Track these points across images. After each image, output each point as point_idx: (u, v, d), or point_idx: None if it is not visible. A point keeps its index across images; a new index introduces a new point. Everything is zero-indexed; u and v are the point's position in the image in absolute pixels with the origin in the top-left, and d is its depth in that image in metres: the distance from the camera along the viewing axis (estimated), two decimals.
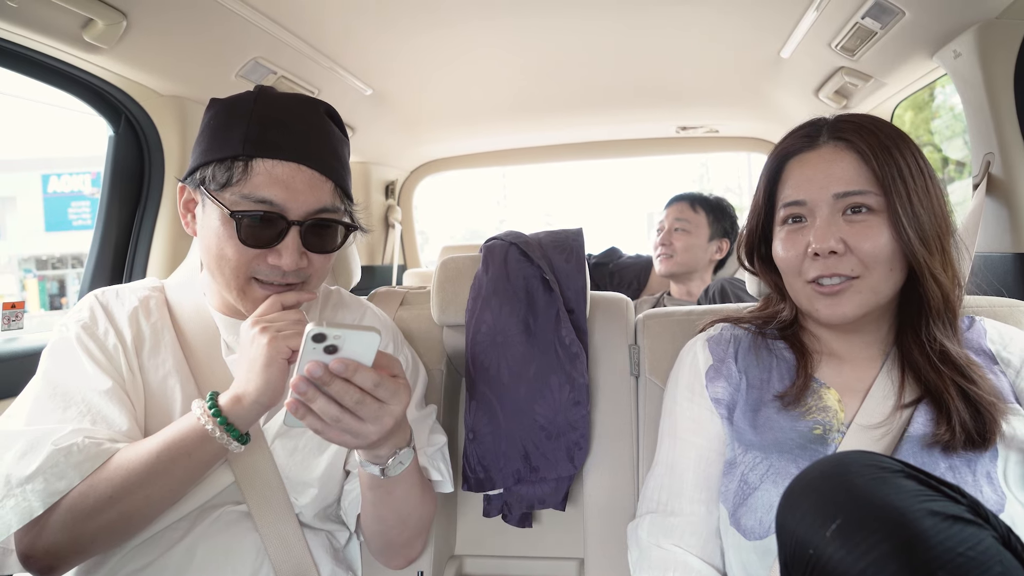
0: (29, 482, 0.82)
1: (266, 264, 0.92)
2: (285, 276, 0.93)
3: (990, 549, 0.56)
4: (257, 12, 1.44)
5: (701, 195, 2.18)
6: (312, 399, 0.72)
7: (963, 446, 0.82)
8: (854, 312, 0.88)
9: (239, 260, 0.91)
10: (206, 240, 0.94)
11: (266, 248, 0.92)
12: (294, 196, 0.91)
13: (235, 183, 0.90)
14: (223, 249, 0.92)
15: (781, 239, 0.94)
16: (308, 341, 0.70)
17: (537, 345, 1.20)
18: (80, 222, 15.78)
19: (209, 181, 0.92)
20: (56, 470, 0.82)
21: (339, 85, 1.91)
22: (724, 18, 1.65)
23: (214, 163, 0.91)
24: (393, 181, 2.91)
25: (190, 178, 0.96)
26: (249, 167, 0.90)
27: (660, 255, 2.14)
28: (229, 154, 0.91)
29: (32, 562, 0.84)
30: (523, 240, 1.29)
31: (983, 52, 1.37)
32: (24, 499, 0.81)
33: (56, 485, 0.82)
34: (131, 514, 0.85)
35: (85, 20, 1.25)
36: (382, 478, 0.88)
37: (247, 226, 0.90)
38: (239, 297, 0.95)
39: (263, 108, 0.94)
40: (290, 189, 0.91)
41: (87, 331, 0.95)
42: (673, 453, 0.99)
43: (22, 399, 0.92)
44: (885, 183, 0.86)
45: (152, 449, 0.84)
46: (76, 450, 0.84)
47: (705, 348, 1.04)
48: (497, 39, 1.76)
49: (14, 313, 1.42)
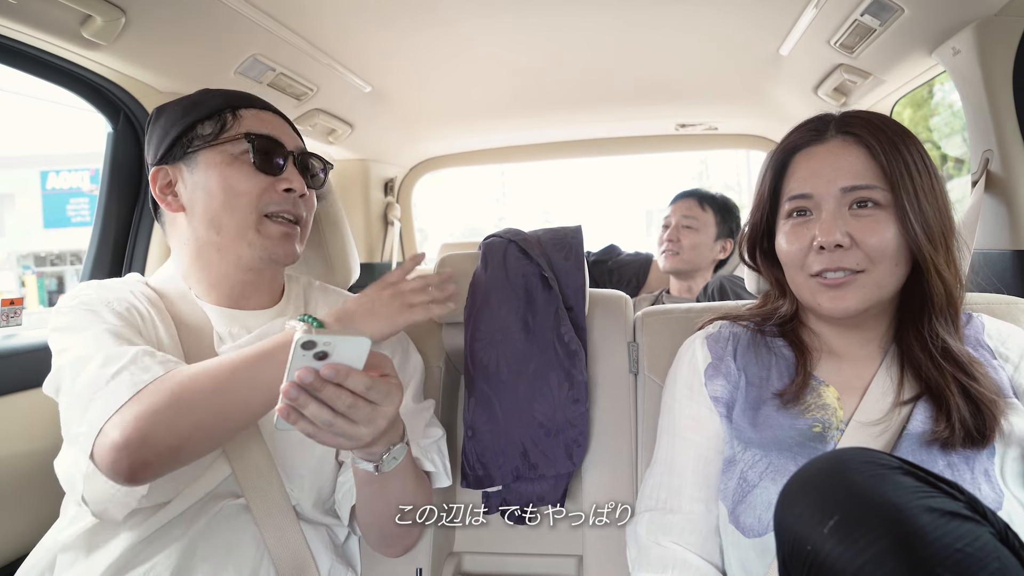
0: (115, 377, 0.81)
1: (278, 194, 1.00)
2: (296, 205, 1.02)
3: (988, 545, 0.56)
4: (256, 9, 1.44)
5: (709, 193, 2.17)
6: (304, 405, 0.72)
7: (962, 443, 0.82)
8: (857, 306, 0.88)
9: (254, 191, 0.98)
10: (208, 193, 0.98)
11: (276, 175, 1.00)
12: (282, 134, 1.04)
13: (229, 127, 1.00)
14: (234, 186, 0.98)
15: (785, 232, 0.94)
16: (297, 348, 0.69)
17: (536, 343, 1.20)
18: (79, 219, 15.74)
19: (198, 139, 1.00)
20: (141, 364, 0.83)
21: (338, 82, 1.91)
22: (723, 16, 1.65)
23: (199, 123, 1.00)
24: (392, 178, 2.91)
25: (170, 152, 1.01)
26: (238, 114, 1.01)
27: (666, 251, 2.12)
28: (215, 109, 1.01)
29: (124, 456, 0.78)
30: (522, 238, 1.29)
31: (982, 49, 1.36)
32: (112, 390, 0.80)
33: (142, 376, 0.81)
34: (228, 414, 0.84)
35: (84, 16, 1.25)
36: (376, 474, 0.89)
37: (260, 147, 0.99)
38: (255, 238, 0.99)
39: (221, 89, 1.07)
40: (278, 128, 1.04)
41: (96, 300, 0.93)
42: (672, 451, 0.99)
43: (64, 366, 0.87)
44: (893, 178, 0.86)
45: (249, 354, 0.86)
46: (160, 354, 0.86)
47: (704, 346, 1.04)
48: (496, 36, 1.76)
49: (13, 310, 1.42)
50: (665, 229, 2.16)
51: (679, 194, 2.21)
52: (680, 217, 2.12)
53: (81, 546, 0.92)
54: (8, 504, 1.23)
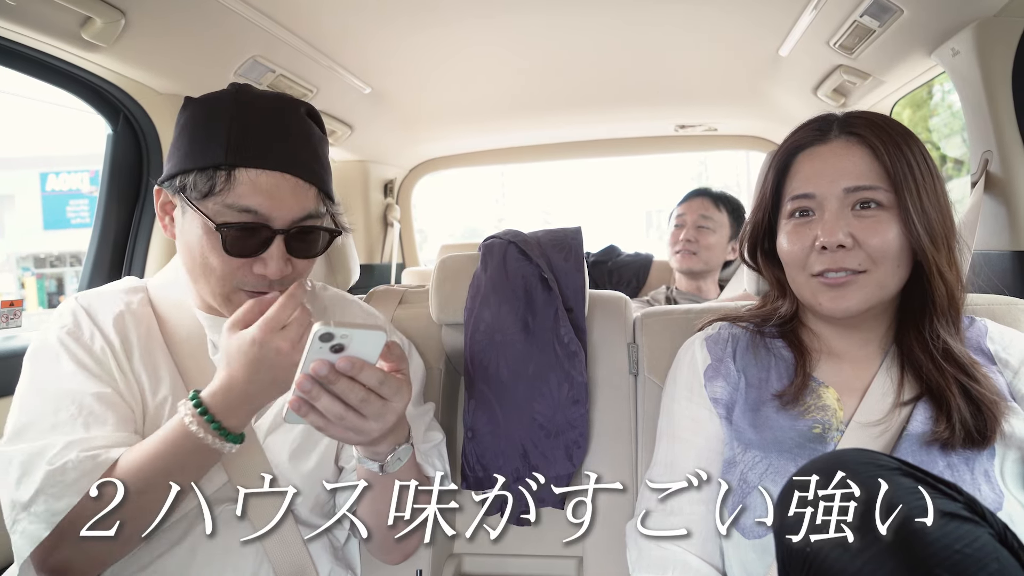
0: (31, 505, 0.81)
1: (251, 274, 0.91)
2: (271, 285, 0.92)
3: (987, 546, 0.56)
4: (256, 11, 1.44)
5: (723, 193, 2.13)
6: (316, 397, 0.72)
7: (962, 444, 0.82)
8: (858, 306, 0.88)
9: (224, 271, 0.90)
10: (188, 247, 0.93)
11: (251, 257, 0.90)
12: (278, 205, 0.89)
13: (218, 192, 0.88)
14: (207, 259, 0.90)
15: (787, 232, 0.94)
16: (315, 340, 0.69)
17: (536, 344, 1.20)
18: (78, 220, 15.72)
19: (190, 189, 0.89)
20: (54, 491, 0.81)
21: (338, 84, 1.91)
22: (723, 16, 1.65)
23: (195, 171, 0.89)
24: (392, 180, 2.91)
25: (168, 183, 0.94)
26: (232, 176, 0.88)
27: (682, 251, 2.06)
28: (211, 163, 0.88)
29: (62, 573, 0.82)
30: (522, 239, 1.29)
31: (981, 50, 1.37)
32: (29, 523, 0.81)
33: (56, 506, 0.81)
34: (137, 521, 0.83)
35: (84, 18, 1.25)
36: (380, 474, 0.89)
37: (232, 237, 0.88)
38: (224, 304, 0.94)
39: (243, 112, 0.92)
40: (274, 198, 0.89)
41: (72, 336, 0.93)
42: (672, 452, 0.99)
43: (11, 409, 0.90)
44: (896, 179, 0.86)
45: (145, 457, 0.83)
46: (71, 467, 0.82)
47: (703, 347, 1.04)
48: (495, 37, 1.76)
49: (12, 311, 1.41)
50: (679, 228, 2.09)
51: (692, 192, 2.14)
52: (697, 217, 2.06)
53: None
54: None
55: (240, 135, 0.89)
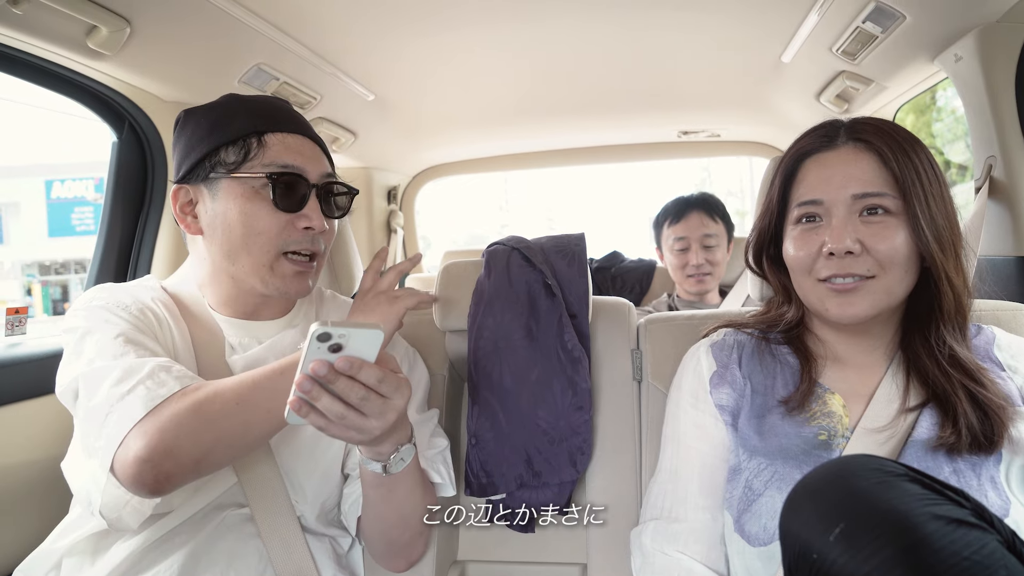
0: (132, 391, 0.81)
1: (297, 231, 0.98)
2: (314, 241, 1.00)
3: (995, 553, 0.56)
4: (260, 19, 1.45)
5: (714, 203, 2.09)
6: (316, 397, 0.73)
7: (968, 449, 0.81)
8: (866, 312, 0.88)
9: (271, 229, 0.96)
10: (227, 226, 0.96)
11: (295, 212, 0.97)
12: (308, 161, 1.00)
13: (252, 158, 0.96)
14: (253, 224, 0.96)
15: (794, 238, 0.94)
16: (313, 341, 0.70)
17: (539, 350, 1.20)
18: (83, 227, 15.80)
19: (221, 166, 0.96)
20: (157, 379, 0.83)
21: (341, 91, 1.91)
22: (726, 23, 1.65)
23: (223, 148, 0.97)
24: (395, 186, 2.92)
25: (192, 173, 0.98)
26: (263, 141, 0.97)
27: (693, 275, 2.02)
28: (240, 134, 0.97)
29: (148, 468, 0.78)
30: (525, 245, 1.29)
31: (984, 56, 1.37)
32: (125, 408, 0.81)
33: (158, 391, 0.82)
34: (250, 425, 0.85)
35: (89, 27, 1.26)
36: (384, 476, 0.89)
37: (280, 190, 0.96)
38: (268, 276, 0.98)
39: (248, 99, 1.03)
40: (304, 155, 1.00)
41: (119, 305, 0.94)
42: (677, 459, 0.99)
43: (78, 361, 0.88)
44: (904, 185, 0.86)
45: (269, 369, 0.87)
46: (176, 368, 0.86)
47: (709, 354, 1.03)
48: (499, 44, 1.76)
49: (18, 318, 1.42)
50: (684, 252, 2.04)
51: (684, 205, 2.08)
52: (701, 236, 2.02)
53: (86, 551, 0.93)
54: (14, 511, 1.23)
55: (262, 108, 1.01)
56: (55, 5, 1.15)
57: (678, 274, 2.08)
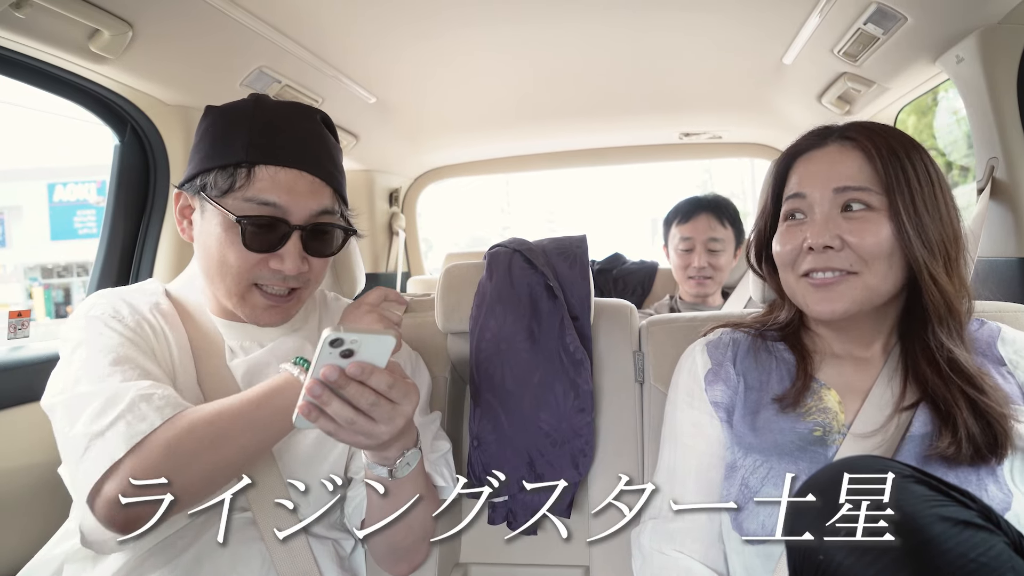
0: (112, 427, 0.80)
1: (268, 269, 0.94)
2: (286, 281, 0.95)
3: (1002, 555, 0.56)
4: (262, 22, 1.45)
5: (725, 207, 2.05)
6: (327, 402, 0.73)
7: (970, 461, 0.79)
8: (845, 308, 0.88)
9: (241, 266, 0.93)
10: (206, 246, 0.95)
11: (269, 253, 0.93)
12: (296, 200, 0.93)
13: (238, 188, 0.92)
14: (225, 255, 0.93)
15: (780, 234, 0.95)
16: (324, 346, 0.70)
17: (541, 352, 1.20)
18: (85, 231, 15.81)
19: (210, 188, 0.93)
20: (137, 413, 0.81)
21: (343, 93, 1.92)
22: (727, 24, 1.65)
23: (215, 170, 0.93)
24: (397, 189, 2.92)
25: (189, 184, 0.97)
26: (252, 172, 0.92)
27: (695, 278, 2.00)
28: (232, 160, 0.93)
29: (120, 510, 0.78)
30: (527, 247, 1.29)
31: (986, 57, 1.37)
32: (105, 445, 0.79)
33: (138, 427, 0.80)
34: (227, 461, 0.84)
35: (91, 31, 1.26)
36: (389, 479, 0.88)
37: (251, 230, 0.91)
38: (239, 303, 0.96)
39: (262, 115, 0.96)
40: (292, 193, 0.93)
41: (115, 318, 0.93)
42: (674, 458, 0.99)
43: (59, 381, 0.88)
44: (888, 183, 0.86)
45: (248, 399, 0.85)
46: (157, 396, 0.84)
47: (704, 352, 1.04)
48: (500, 47, 1.77)
49: (20, 322, 1.42)
50: (688, 253, 2.01)
51: (695, 206, 2.04)
52: (707, 240, 1.99)
53: (87, 556, 0.92)
54: (16, 516, 1.23)
55: (260, 135, 0.94)
56: (58, 9, 1.15)
57: (680, 274, 2.07)
